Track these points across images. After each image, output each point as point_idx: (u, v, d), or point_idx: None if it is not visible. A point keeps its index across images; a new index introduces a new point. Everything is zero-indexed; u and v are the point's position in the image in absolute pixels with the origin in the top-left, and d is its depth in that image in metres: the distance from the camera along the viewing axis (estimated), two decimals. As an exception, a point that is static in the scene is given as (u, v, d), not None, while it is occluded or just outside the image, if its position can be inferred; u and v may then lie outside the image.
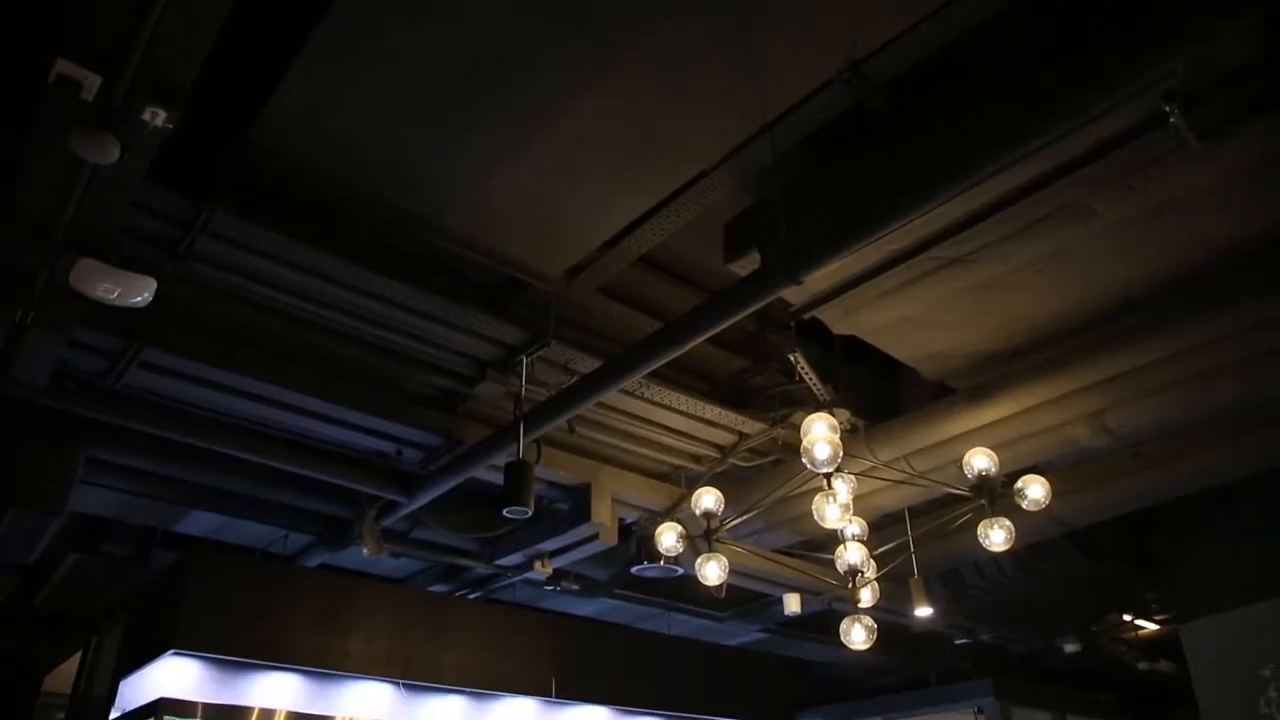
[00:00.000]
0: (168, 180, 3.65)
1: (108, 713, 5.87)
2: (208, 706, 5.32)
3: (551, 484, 5.65)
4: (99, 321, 4.12)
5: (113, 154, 3.00)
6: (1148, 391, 4.67)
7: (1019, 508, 4.19)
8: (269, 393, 4.67)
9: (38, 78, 2.89)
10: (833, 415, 4.00)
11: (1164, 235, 3.99)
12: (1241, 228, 3.93)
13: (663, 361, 4.04)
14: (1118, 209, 3.80)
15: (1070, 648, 8.92)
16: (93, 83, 2.88)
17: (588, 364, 4.66)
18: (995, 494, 4.15)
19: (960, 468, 4.25)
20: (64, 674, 8.23)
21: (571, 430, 5.17)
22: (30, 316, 3.81)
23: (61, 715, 8.23)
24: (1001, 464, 4.29)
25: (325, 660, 5.55)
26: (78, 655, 7.78)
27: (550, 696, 6.39)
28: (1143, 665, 10.30)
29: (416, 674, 5.85)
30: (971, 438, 4.88)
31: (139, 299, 3.64)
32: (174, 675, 5.51)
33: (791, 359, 4.73)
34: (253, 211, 3.81)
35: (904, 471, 5.17)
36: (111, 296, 3.58)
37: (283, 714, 5.52)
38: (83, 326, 4.09)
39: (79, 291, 3.54)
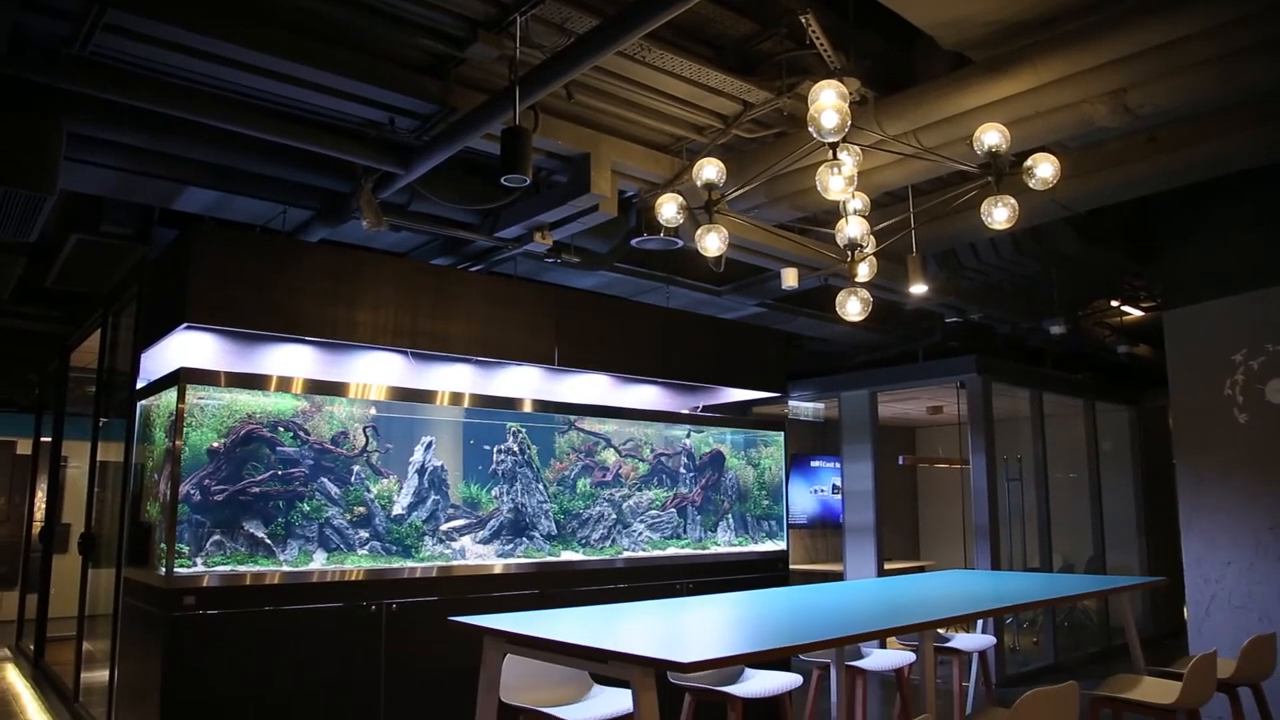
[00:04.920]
0: None
1: (134, 384, 6.15)
2: (229, 375, 5.56)
3: (550, 154, 5.51)
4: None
5: None
6: (1174, 69, 4.41)
7: (1025, 188, 4.16)
8: (251, 59, 4.39)
9: None
10: (843, 84, 3.84)
11: None
12: None
13: (665, 19, 3.75)
14: None
15: (1056, 330, 9.21)
16: None
17: (585, 24, 4.36)
18: (1003, 172, 4.11)
19: (970, 145, 4.16)
20: (89, 350, 8.62)
21: (570, 96, 4.96)
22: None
23: (93, 388, 8.71)
24: (1013, 142, 4.21)
25: (335, 331, 5.72)
26: (99, 333, 8.10)
27: (553, 365, 6.68)
28: (1122, 349, 10.74)
29: (424, 344, 6.06)
30: (984, 113, 4.70)
31: (92, -55, 3.33)
32: (191, 348, 5.73)
33: (803, 20, 4.44)
34: None
35: (912, 146, 5.04)
36: (60, -57, 3.28)
37: (300, 381, 5.79)
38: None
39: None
